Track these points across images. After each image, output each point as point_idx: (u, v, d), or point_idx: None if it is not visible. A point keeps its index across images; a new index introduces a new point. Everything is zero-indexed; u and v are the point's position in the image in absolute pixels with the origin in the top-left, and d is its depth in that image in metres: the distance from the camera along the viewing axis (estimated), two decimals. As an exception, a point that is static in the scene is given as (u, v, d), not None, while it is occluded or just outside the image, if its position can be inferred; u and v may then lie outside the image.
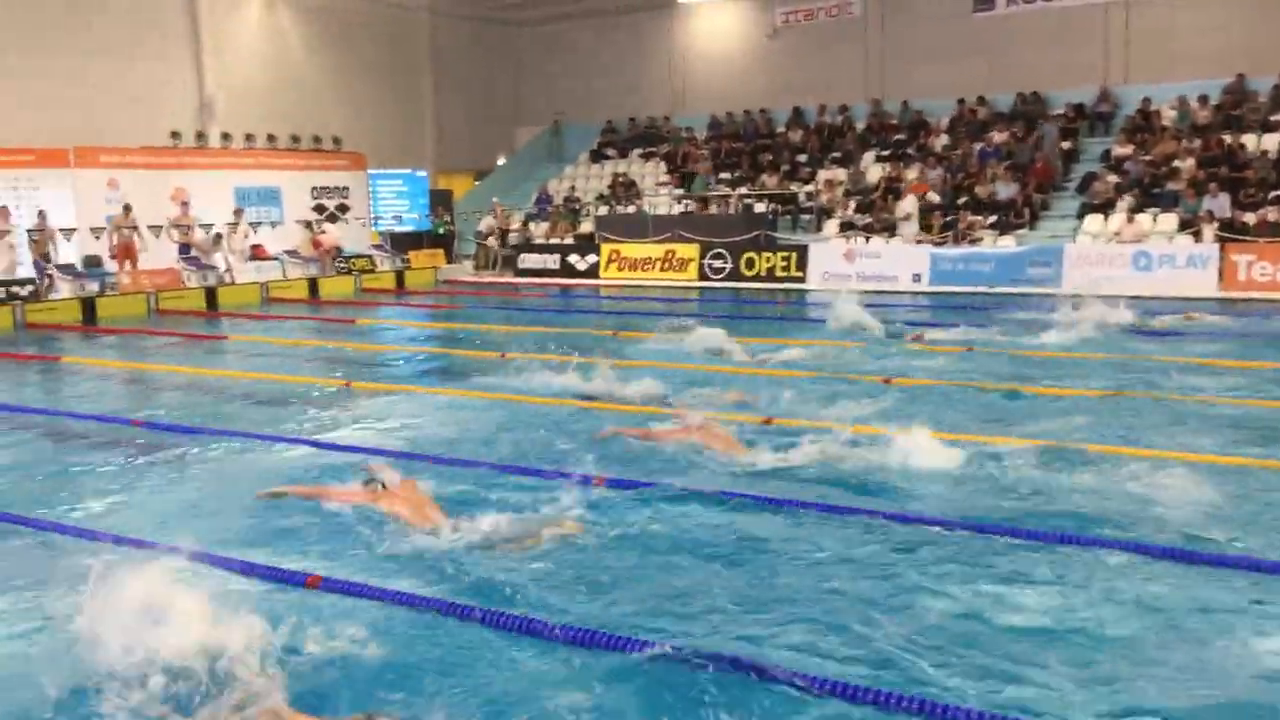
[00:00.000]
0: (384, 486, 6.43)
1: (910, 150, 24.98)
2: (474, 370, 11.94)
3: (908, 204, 22.20)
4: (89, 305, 18.69)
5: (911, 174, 23.62)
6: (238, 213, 22.34)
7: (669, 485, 6.88)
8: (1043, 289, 18.60)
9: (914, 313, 16.54)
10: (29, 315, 17.92)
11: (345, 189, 25.45)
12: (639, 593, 5.28)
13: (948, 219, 21.80)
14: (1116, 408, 9.11)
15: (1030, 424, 8.42)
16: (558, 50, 32.65)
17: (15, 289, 18.20)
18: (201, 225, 21.50)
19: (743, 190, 25.05)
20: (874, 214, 22.72)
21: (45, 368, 13.99)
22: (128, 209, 20.18)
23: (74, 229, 19.75)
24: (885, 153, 25.25)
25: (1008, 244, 20.84)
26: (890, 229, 22.14)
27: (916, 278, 20.58)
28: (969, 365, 11.45)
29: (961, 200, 22.32)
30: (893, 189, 23.19)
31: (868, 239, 22.12)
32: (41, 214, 19.15)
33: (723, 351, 12.07)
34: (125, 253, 20.06)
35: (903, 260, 20.96)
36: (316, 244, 23.34)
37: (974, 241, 21.09)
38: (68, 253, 19.72)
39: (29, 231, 19.09)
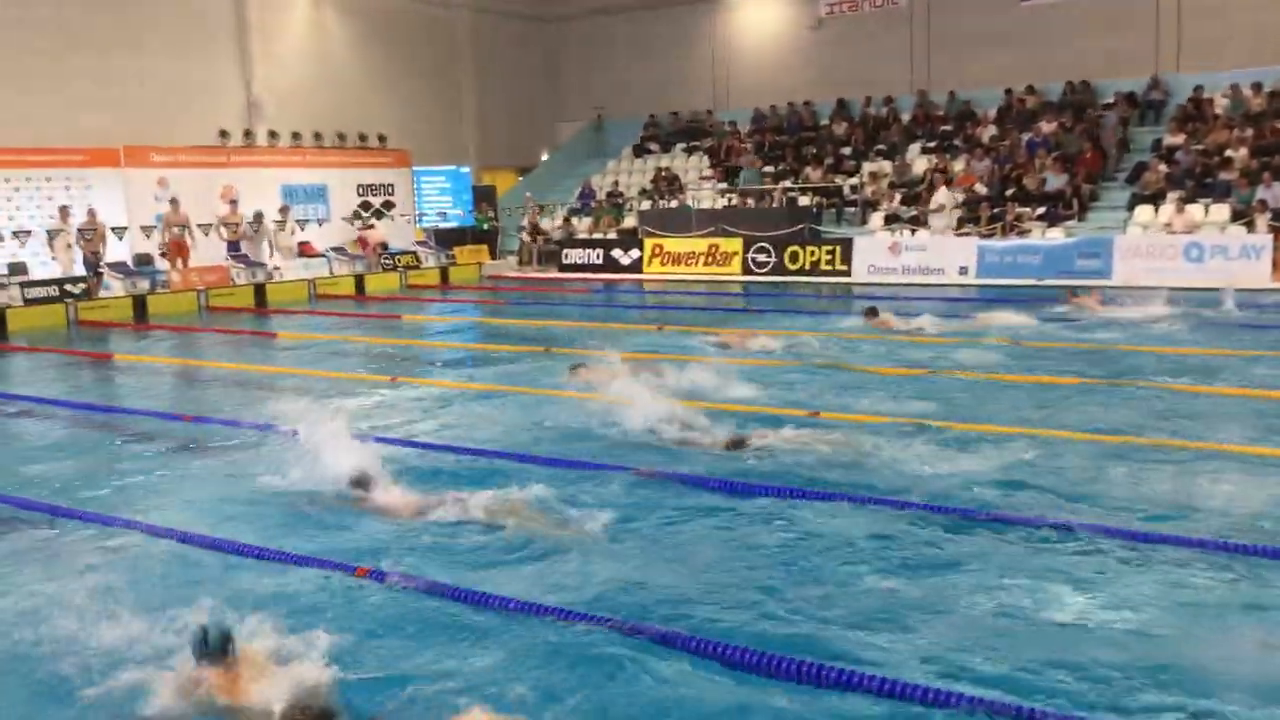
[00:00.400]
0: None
1: (957, 141, 24.72)
2: (516, 364, 12.00)
3: (941, 195, 22.00)
4: (140, 303, 18.97)
5: (958, 165, 23.37)
6: (284, 210, 22.57)
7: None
8: (1092, 281, 18.33)
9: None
10: (81, 313, 18.23)
11: (390, 186, 25.65)
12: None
13: (995, 211, 21.54)
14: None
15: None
16: (600, 45, 32.65)
17: (69, 287, 18.51)
18: (249, 222, 21.74)
19: (786, 183, 24.91)
20: (920, 206, 22.51)
21: (97, 364, 14.22)
22: (175, 203, 20.46)
23: (125, 227, 20.04)
24: (931, 144, 25.00)
25: (1056, 236, 20.55)
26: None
27: (963, 270, 20.35)
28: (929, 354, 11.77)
29: (1009, 192, 22.05)
30: (939, 180, 22.94)
31: (913, 231, 21.93)
32: (91, 212, 19.46)
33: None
34: (177, 250, 20.38)
35: (949, 253, 20.73)
36: (362, 241, 23.56)
37: (1022, 233, 20.83)
38: (119, 251, 20.02)
39: (79, 230, 19.40)
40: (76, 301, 18.37)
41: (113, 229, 19.93)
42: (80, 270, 19.15)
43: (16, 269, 18.91)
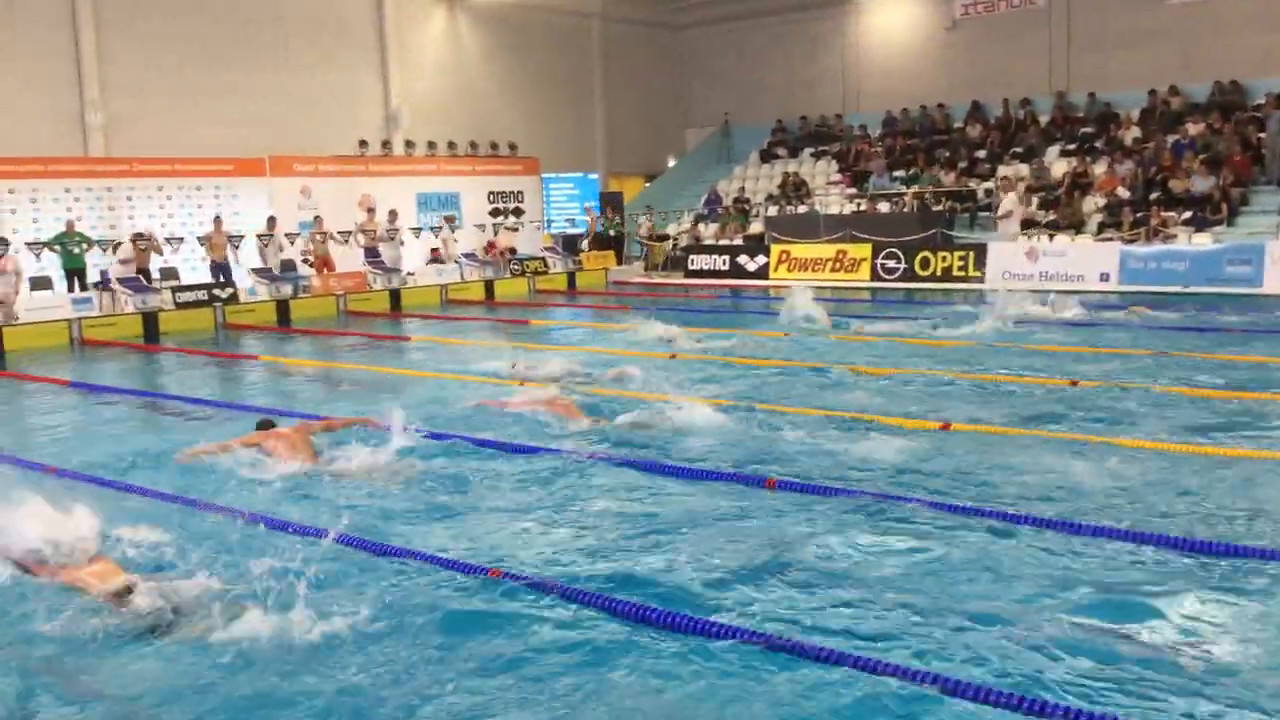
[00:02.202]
0: (272, 425, 8.08)
1: (1098, 144, 23.90)
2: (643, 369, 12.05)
3: (1009, 201, 21.73)
4: (283, 307, 19.70)
5: (1099, 169, 22.59)
6: (448, 219, 23.40)
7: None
8: (1242, 289, 17.50)
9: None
10: (228, 316, 19.02)
11: (520, 193, 26.12)
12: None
13: (1139, 215, 20.75)
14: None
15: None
16: (727, 51, 32.60)
17: (216, 292, 19.33)
18: (389, 229, 22.39)
19: (917, 188, 24.46)
20: (1059, 211, 21.83)
21: (242, 365, 14.81)
22: (319, 220, 21.29)
23: (270, 235, 20.84)
24: (1071, 147, 24.24)
25: (1204, 241, 19.65)
26: (1077, 226, 21.23)
27: (1104, 277, 19.65)
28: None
29: (1154, 196, 21.21)
30: (1079, 185, 22.24)
31: (1051, 237, 21.28)
32: (218, 220, 20.32)
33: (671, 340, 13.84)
34: (323, 264, 21.17)
35: (1090, 259, 20.05)
36: (491, 246, 24.02)
37: (1167, 239, 20.01)
38: (261, 257, 20.84)
39: (230, 238, 20.26)
40: (224, 305, 19.17)
41: (259, 236, 20.77)
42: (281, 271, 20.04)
43: (168, 274, 19.85)
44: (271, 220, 20.90)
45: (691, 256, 25.33)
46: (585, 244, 26.19)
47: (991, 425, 8.69)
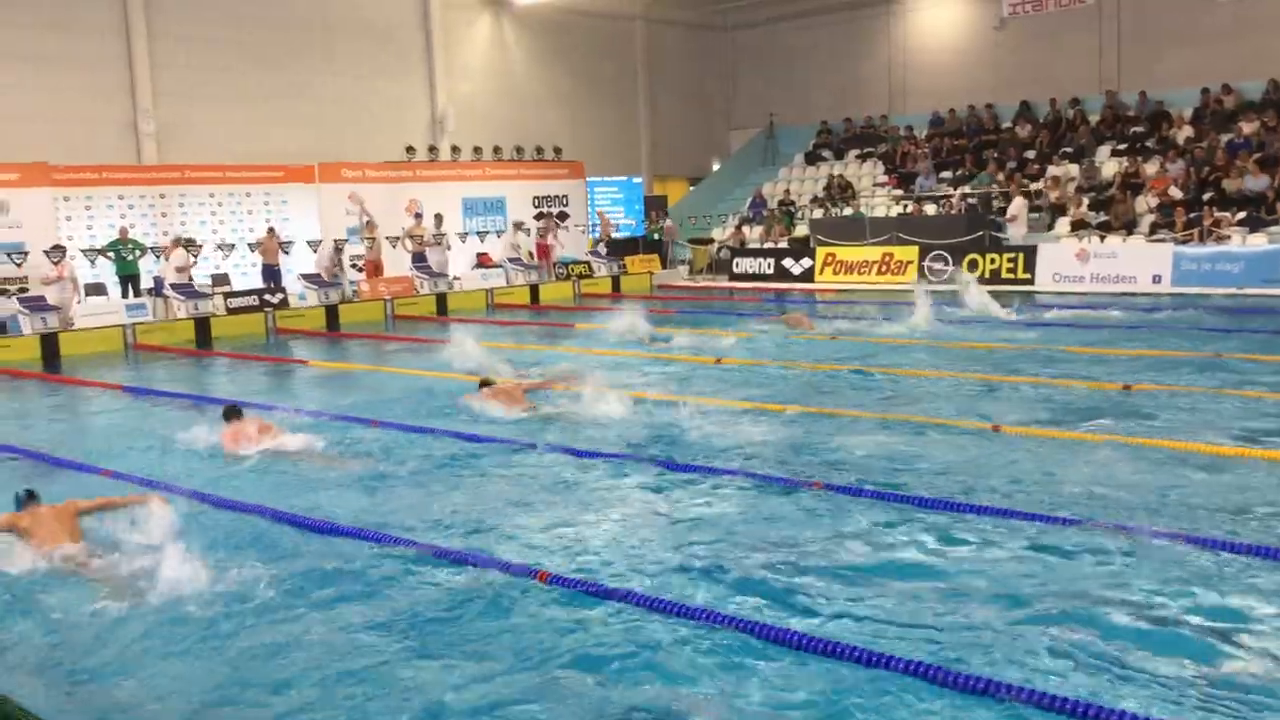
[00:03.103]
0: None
1: (1149, 143, 23.54)
2: (691, 375, 12.05)
3: (1015, 206, 21.74)
4: (332, 312, 19.90)
5: (1150, 168, 22.25)
6: (518, 225, 23.84)
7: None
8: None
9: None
10: (279, 321, 19.25)
11: (564, 197, 26.22)
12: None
13: (1191, 216, 20.41)
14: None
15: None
16: (772, 53, 32.48)
17: (267, 297, 19.57)
18: (435, 234, 22.55)
19: (965, 189, 24.22)
20: (1110, 211, 21.53)
21: (290, 369, 14.97)
22: (371, 225, 21.51)
23: (319, 241, 21.07)
24: (1122, 146, 23.89)
25: (1259, 242, 19.29)
26: (1128, 227, 20.92)
27: (1157, 279, 19.33)
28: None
29: (1207, 196, 20.85)
30: (1130, 185, 21.92)
31: (1103, 238, 20.98)
32: (271, 230, 20.57)
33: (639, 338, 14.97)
34: (374, 270, 21.38)
35: (1142, 260, 19.74)
36: (542, 249, 24.13)
37: (1221, 239, 19.67)
38: (311, 263, 21.08)
39: (282, 244, 20.52)
40: (275, 310, 19.41)
41: (309, 242, 21.02)
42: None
43: (220, 280, 20.13)
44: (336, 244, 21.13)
45: (736, 260, 25.27)
46: (602, 248, 26.15)
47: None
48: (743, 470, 7.70)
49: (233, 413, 9.16)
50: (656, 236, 28.12)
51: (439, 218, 22.82)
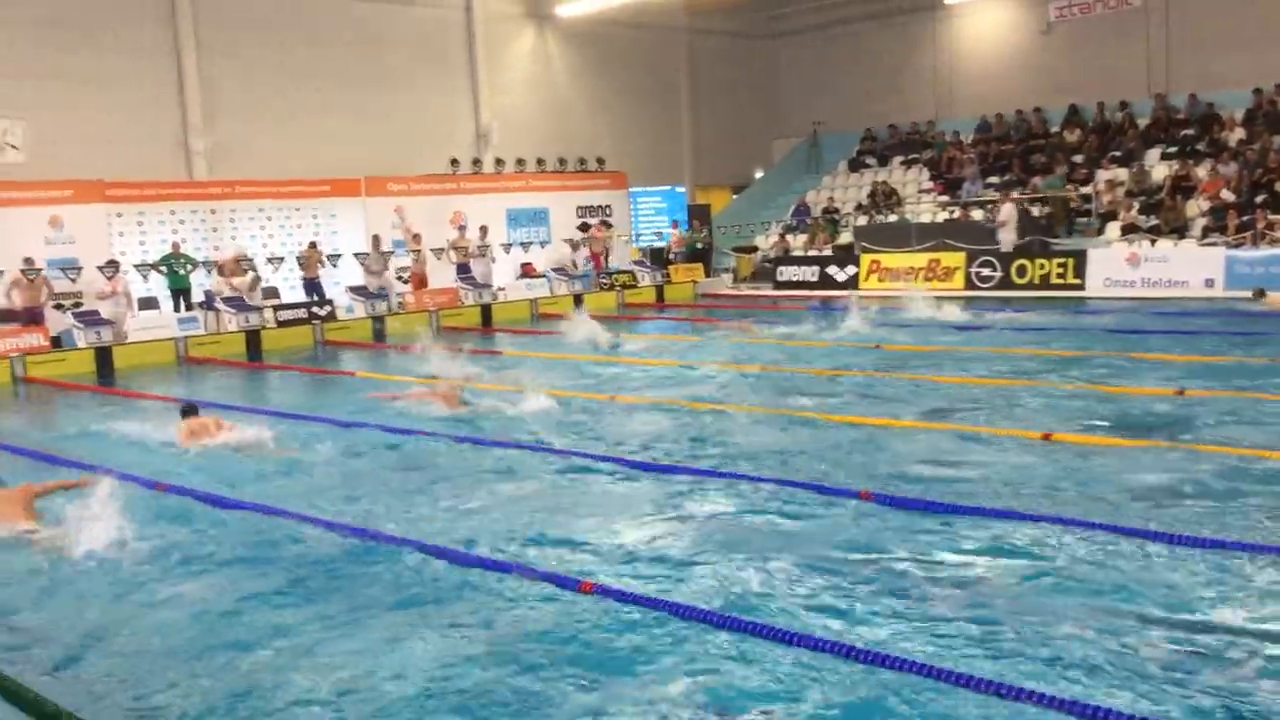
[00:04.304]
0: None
1: (1200, 146, 23.17)
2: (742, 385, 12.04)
3: (1004, 212, 21.82)
4: (379, 324, 20.08)
5: (1201, 171, 21.90)
6: (596, 227, 24.08)
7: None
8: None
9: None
10: (327, 333, 19.46)
11: (608, 207, 26.27)
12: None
13: (1244, 219, 20.06)
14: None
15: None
16: (815, 60, 32.39)
17: (315, 310, 19.79)
18: (480, 246, 22.70)
19: (1014, 194, 23.96)
20: (1160, 215, 21.21)
21: (336, 381, 15.11)
22: (417, 238, 21.71)
23: (368, 253, 21.28)
24: (1172, 150, 23.54)
25: (1317, 244, 18.93)
26: (1179, 231, 20.60)
27: (1209, 283, 19.01)
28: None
29: (1260, 198, 20.48)
30: (1181, 188, 21.59)
31: (1153, 242, 20.67)
32: (314, 243, 20.79)
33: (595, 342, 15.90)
34: (419, 283, 21.56)
35: (1194, 264, 19.43)
36: (595, 257, 24.25)
37: (1275, 242, 19.30)
38: (359, 276, 21.29)
39: (323, 259, 20.74)
40: (323, 323, 19.62)
41: (356, 255, 21.25)
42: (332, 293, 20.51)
43: (269, 293, 20.38)
44: (376, 239, 21.35)
45: (780, 268, 25.19)
46: (674, 256, 26.32)
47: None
48: (787, 480, 7.67)
49: (190, 410, 10.21)
50: (700, 246, 28.09)
51: (484, 230, 22.97)
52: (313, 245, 20.89)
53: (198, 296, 19.56)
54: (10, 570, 6.66)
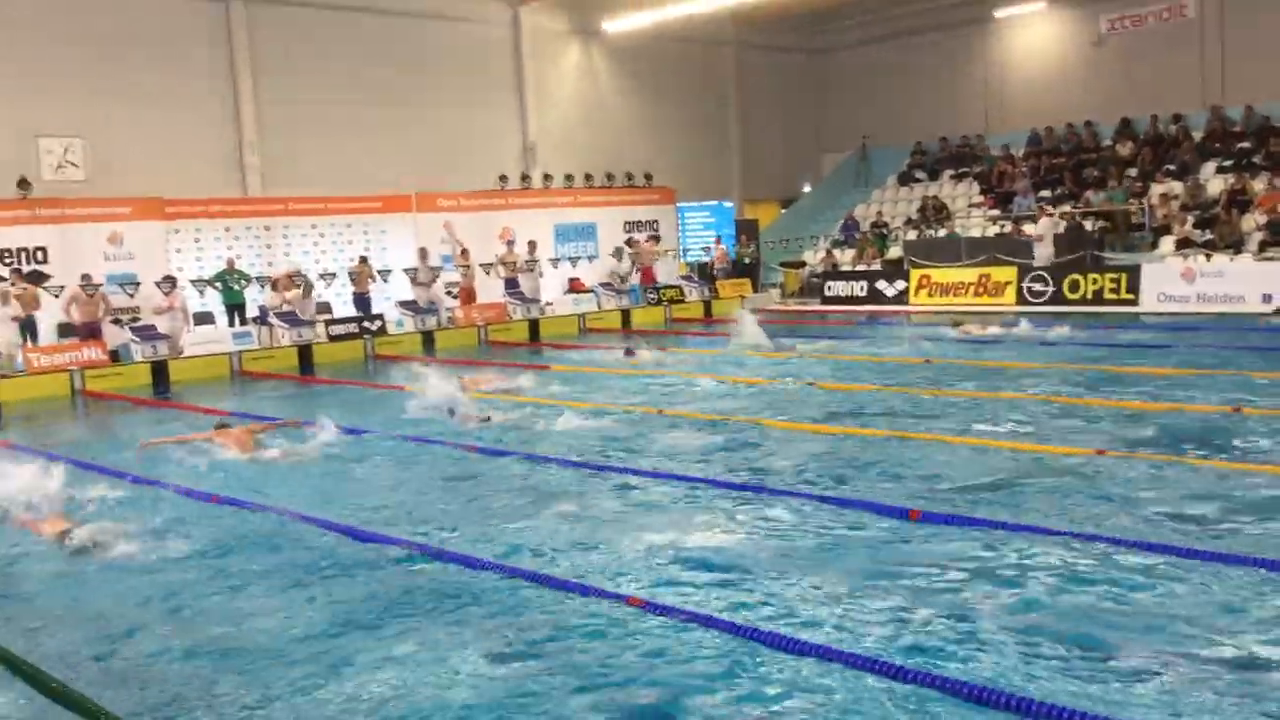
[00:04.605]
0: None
1: (1256, 159, 22.78)
2: (788, 400, 12.00)
3: (1043, 225, 21.77)
4: (428, 338, 20.28)
5: (1258, 185, 21.53)
6: (644, 240, 24.49)
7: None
8: None
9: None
10: (378, 347, 19.68)
11: (655, 222, 26.34)
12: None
13: (1304, 233, 19.69)
14: None
15: None
16: (864, 74, 32.29)
17: (366, 324, 20.03)
18: (528, 261, 22.85)
19: (1065, 208, 23.71)
20: (1216, 229, 20.88)
21: (387, 394, 15.23)
22: (465, 253, 21.90)
23: (415, 268, 21.50)
24: (1227, 163, 23.17)
25: (1379, 258, 18.53)
26: (1235, 246, 20.26)
27: (1267, 298, 18.65)
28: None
29: (1321, 211, 20.10)
30: (1237, 201, 21.24)
31: (1208, 256, 20.35)
32: (364, 259, 21.10)
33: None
34: (467, 298, 21.75)
35: (1250, 279, 19.08)
36: (646, 272, 24.36)
37: (1336, 257, 18.93)
38: (409, 290, 21.52)
39: (373, 275, 20.99)
40: (373, 337, 19.85)
41: (405, 270, 21.49)
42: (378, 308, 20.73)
43: (321, 308, 20.65)
44: (423, 252, 21.58)
45: (828, 282, 25.10)
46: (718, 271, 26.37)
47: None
48: (835, 497, 7.64)
49: (223, 425, 11.03)
50: (747, 261, 28.06)
51: (532, 245, 23.13)
52: (363, 260, 21.15)
53: (252, 312, 19.87)
54: (43, 568, 7.04)
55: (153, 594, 6.40)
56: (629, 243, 25.29)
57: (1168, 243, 21.50)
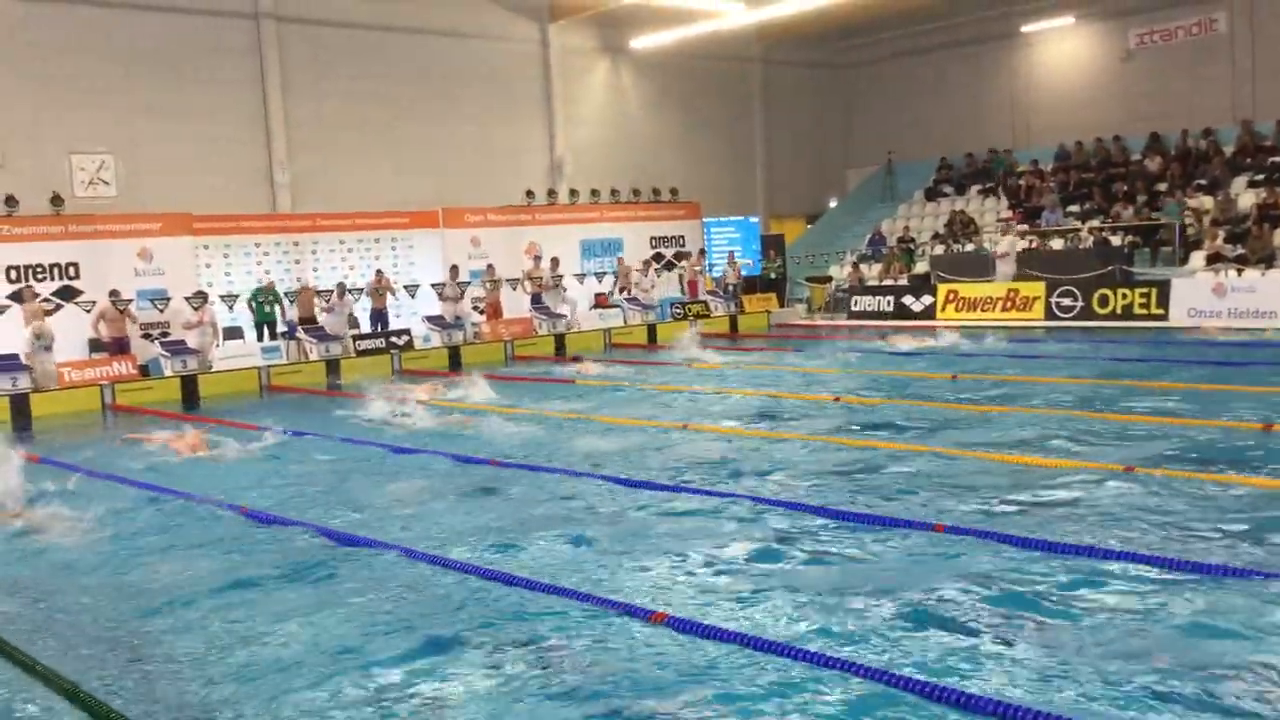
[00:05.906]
0: None
1: (1289, 173, 22.57)
2: (808, 413, 11.96)
3: (1005, 244, 22.29)
4: (454, 353, 20.36)
5: (1291, 198, 21.32)
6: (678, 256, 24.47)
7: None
8: None
9: None
10: (404, 362, 19.77)
11: (681, 238, 26.37)
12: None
13: (1337, 247, 19.47)
14: None
15: None
16: (890, 89, 32.25)
17: (393, 339, 20.14)
18: (554, 276, 22.93)
19: (1094, 223, 23.55)
20: (1247, 244, 20.68)
21: (414, 407, 15.28)
22: (491, 268, 22.02)
23: (443, 283, 21.62)
24: (1259, 177, 22.96)
25: None
26: (1266, 260, 20.06)
27: (1299, 313, 18.47)
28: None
29: (1354, 226, 19.87)
30: (1268, 216, 21.03)
31: (1239, 271, 20.15)
32: (379, 272, 21.22)
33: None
34: (494, 312, 21.84)
35: (1283, 294, 18.89)
36: (692, 285, 24.49)
37: (1371, 271, 18.69)
38: (436, 306, 21.62)
39: (389, 290, 21.10)
40: (400, 352, 19.95)
41: (433, 285, 21.62)
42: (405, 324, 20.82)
43: (349, 323, 20.77)
44: (454, 269, 21.69)
45: (854, 298, 25.03)
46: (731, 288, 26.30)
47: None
48: (861, 512, 7.60)
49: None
50: (773, 275, 28.04)
51: (556, 261, 23.18)
52: (379, 274, 21.17)
53: (280, 327, 20.01)
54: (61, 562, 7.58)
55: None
56: (678, 256, 25.46)
57: (1198, 258, 21.31)
